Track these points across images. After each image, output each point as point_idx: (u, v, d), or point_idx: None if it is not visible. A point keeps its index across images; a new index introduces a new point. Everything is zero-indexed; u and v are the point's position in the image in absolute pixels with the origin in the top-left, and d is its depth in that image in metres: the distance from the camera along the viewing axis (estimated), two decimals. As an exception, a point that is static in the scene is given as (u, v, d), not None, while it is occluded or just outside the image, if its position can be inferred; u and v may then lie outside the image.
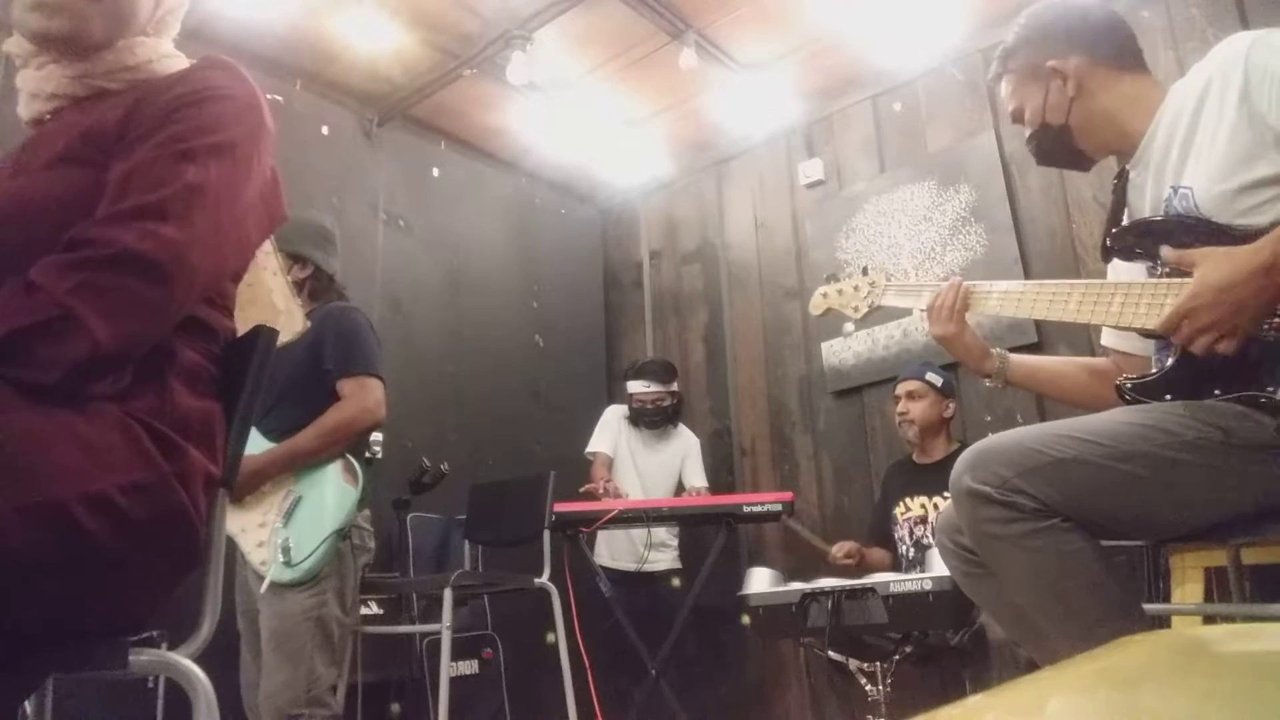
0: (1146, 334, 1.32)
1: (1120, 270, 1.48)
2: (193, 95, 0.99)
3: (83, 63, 1.05)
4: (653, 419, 3.71)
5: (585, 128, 4.23)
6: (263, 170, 1.05)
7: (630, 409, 3.74)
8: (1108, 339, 1.59)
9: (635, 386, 3.73)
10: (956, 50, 3.71)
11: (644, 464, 3.71)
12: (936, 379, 2.99)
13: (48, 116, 1.08)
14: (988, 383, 1.63)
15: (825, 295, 1.81)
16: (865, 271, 1.77)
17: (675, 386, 3.79)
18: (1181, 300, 1.19)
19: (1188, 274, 1.23)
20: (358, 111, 3.90)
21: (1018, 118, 1.55)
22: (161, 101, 0.98)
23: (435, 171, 4.16)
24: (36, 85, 1.06)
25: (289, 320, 1.19)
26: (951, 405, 3.02)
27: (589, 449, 3.71)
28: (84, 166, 0.96)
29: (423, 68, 3.75)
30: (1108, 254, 1.41)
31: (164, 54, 1.10)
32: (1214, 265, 1.17)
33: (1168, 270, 1.29)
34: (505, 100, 3.99)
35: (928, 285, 1.62)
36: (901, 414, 3.00)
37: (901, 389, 3.03)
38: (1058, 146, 1.50)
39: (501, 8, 3.40)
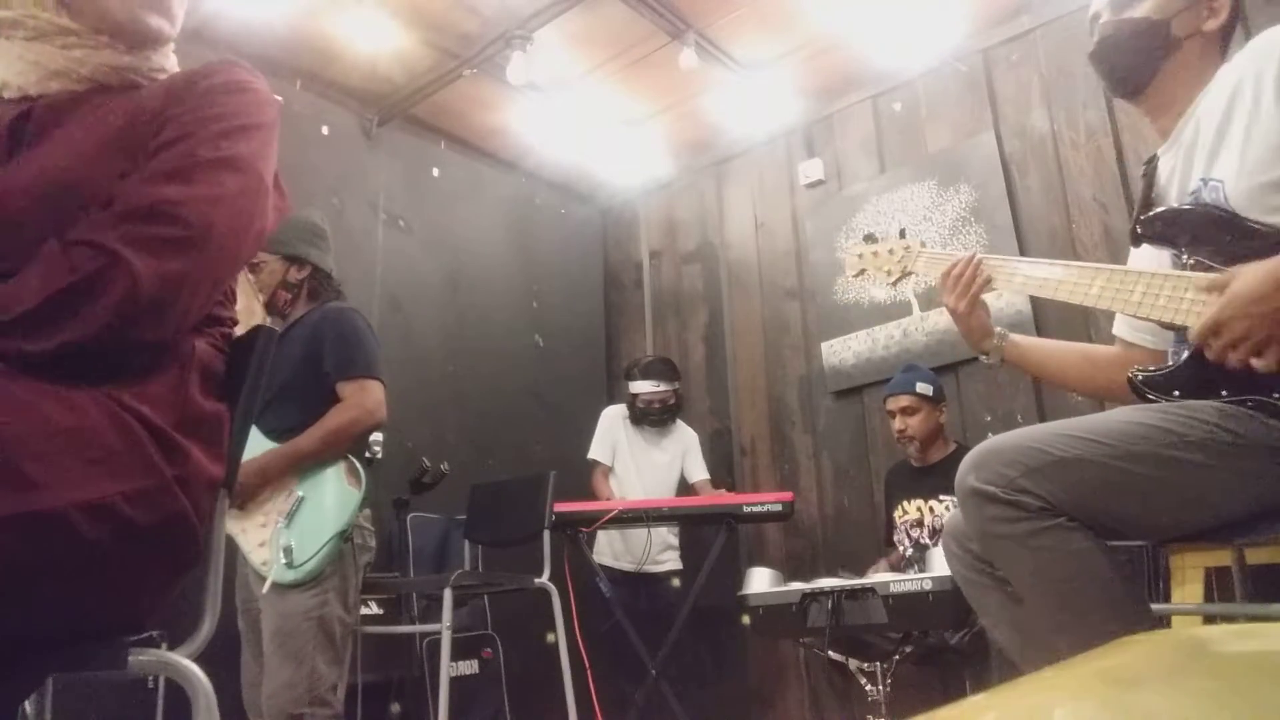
0: (1166, 326, 1.31)
1: (1146, 256, 1.46)
2: (225, 85, 1.05)
3: (130, 56, 1.08)
4: (659, 418, 3.71)
5: (585, 128, 4.23)
6: (273, 162, 1.10)
7: (634, 409, 3.73)
8: (1119, 328, 1.57)
9: (642, 387, 3.71)
10: (957, 50, 3.71)
11: (646, 463, 3.70)
12: (927, 388, 2.95)
13: (54, 88, 1.04)
14: (984, 359, 1.61)
15: (861, 256, 1.74)
16: (902, 234, 1.71)
17: (678, 384, 3.79)
18: (1212, 313, 1.17)
19: (1213, 267, 1.22)
20: (358, 111, 3.90)
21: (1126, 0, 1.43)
22: (199, 89, 1.04)
23: (435, 171, 4.16)
24: (65, 64, 1.03)
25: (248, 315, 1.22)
26: (944, 409, 3.01)
27: (590, 455, 3.71)
28: (129, 155, 0.99)
29: (423, 68, 3.75)
30: (1137, 239, 1.39)
31: (169, 66, 1.16)
32: (1245, 278, 1.16)
33: (1192, 262, 1.28)
34: (505, 100, 3.99)
35: (961, 255, 1.58)
36: (900, 430, 2.97)
37: (894, 405, 2.99)
38: (1145, 50, 1.40)
39: (501, 8, 3.40)
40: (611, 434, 3.74)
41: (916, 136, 3.85)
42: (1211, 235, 1.26)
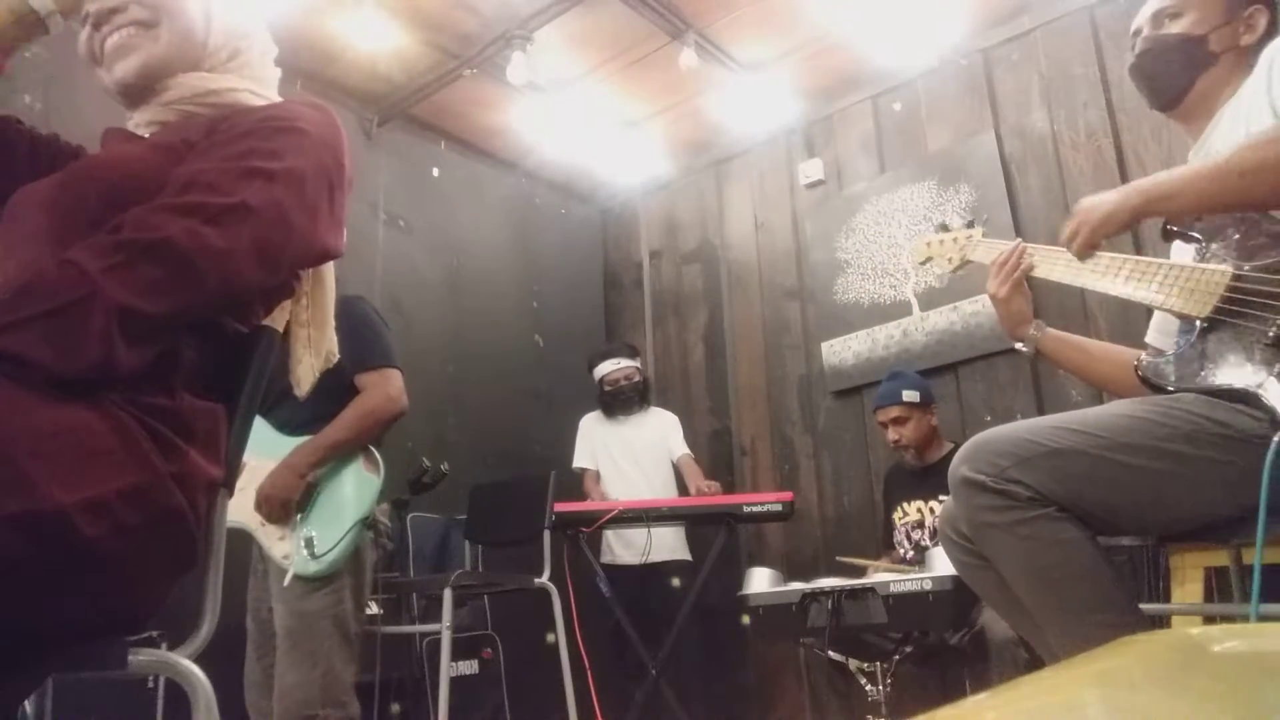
0: (1178, 315, 1.35)
1: (1178, 252, 1.49)
2: (275, 121, 1.05)
3: (165, 93, 1.12)
4: (628, 399, 3.67)
5: (585, 128, 4.23)
6: (334, 208, 1.10)
7: (602, 395, 3.72)
8: (1150, 335, 1.60)
9: (606, 367, 3.70)
10: (957, 50, 3.71)
11: (627, 455, 3.66)
12: (914, 395, 2.94)
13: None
14: (1019, 347, 1.63)
15: (929, 244, 1.77)
16: (971, 224, 1.75)
17: (638, 361, 3.80)
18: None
19: (1227, 260, 1.27)
20: (358, 111, 3.90)
21: (1166, 15, 1.47)
22: (247, 121, 1.04)
23: (435, 171, 4.16)
24: (134, 123, 1.15)
25: (307, 371, 1.21)
26: (935, 410, 3.01)
27: (574, 464, 3.70)
28: (168, 154, 1.01)
29: (423, 68, 3.75)
30: (1168, 235, 1.42)
31: (241, 87, 1.18)
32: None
33: (1208, 255, 1.32)
34: (505, 100, 3.99)
35: (1010, 244, 1.62)
36: (895, 440, 2.97)
37: (884, 416, 2.98)
38: (1182, 64, 1.45)
39: (501, 8, 3.40)
40: (590, 439, 3.73)
41: (916, 136, 3.85)
42: (1226, 230, 1.30)
